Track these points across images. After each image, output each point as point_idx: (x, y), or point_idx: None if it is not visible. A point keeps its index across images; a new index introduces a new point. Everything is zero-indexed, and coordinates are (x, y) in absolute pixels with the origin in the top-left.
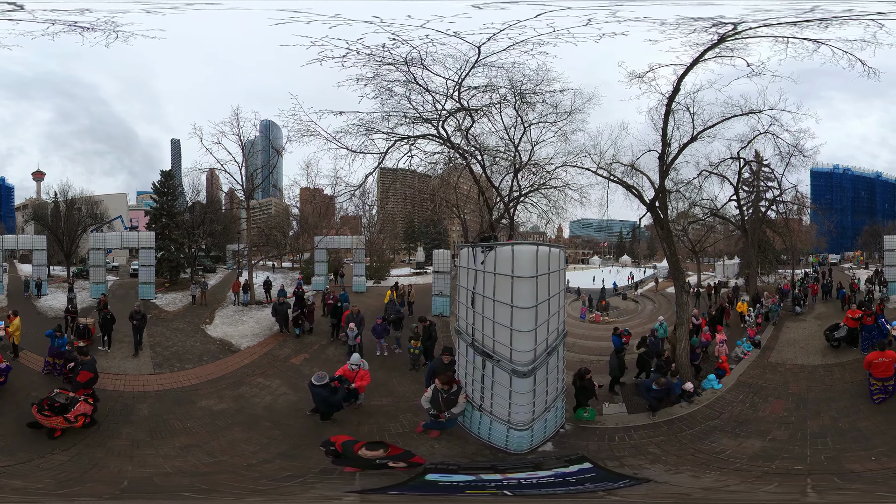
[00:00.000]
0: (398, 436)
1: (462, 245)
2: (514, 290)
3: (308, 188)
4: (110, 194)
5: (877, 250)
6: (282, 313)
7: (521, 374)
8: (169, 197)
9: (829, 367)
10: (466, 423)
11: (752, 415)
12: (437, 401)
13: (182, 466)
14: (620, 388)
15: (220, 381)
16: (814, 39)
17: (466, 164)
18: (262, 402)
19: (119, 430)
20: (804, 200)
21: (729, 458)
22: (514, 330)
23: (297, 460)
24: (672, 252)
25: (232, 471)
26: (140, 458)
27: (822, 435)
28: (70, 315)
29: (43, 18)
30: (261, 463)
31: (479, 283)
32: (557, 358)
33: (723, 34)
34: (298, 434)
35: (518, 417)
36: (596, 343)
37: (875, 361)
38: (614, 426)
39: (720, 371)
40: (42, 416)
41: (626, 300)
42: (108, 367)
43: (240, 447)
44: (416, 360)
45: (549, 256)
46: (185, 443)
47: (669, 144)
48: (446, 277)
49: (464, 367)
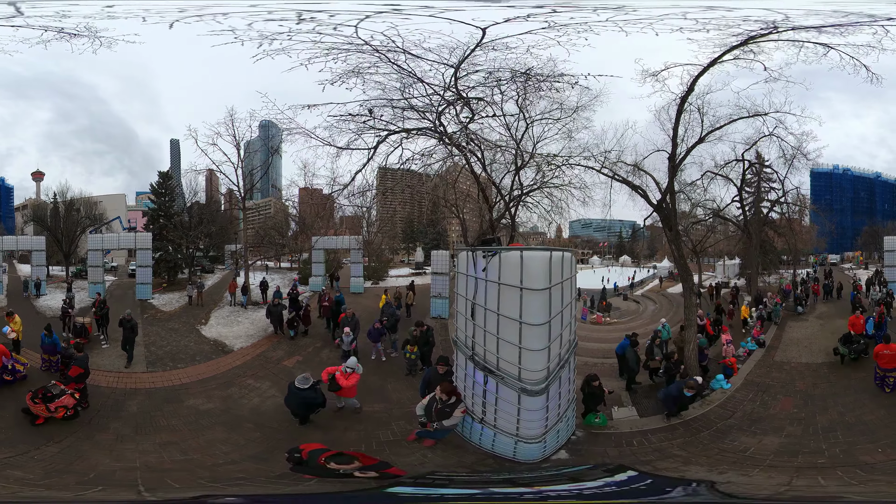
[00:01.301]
0: (386, 444)
1: (460, 248)
2: (523, 303)
3: (306, 188)
4: (109, 195)
5: (876, 250)
6: (276, 315)
7: (533, 393)
8: (167, 198)
9: (833, 365)
10: (465, 433)
11: (765, 412)
12: (430, 410)
13: (151, 462)
14: (631, 394)
15: (210, 381)
16: (826, 44)
17: (466, 162)
18: (249, 404)
19: (108, 425)
20: (805, 201)
21: (756, 456)
22: (524, 349)
23: (266, 463)
24: (680, 253)
25: (188, 469)
26: (119, 452)
27: (832, 429)
28: (67, 314)
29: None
30: (226, 464)
31: (481, 292)
32: (570, 369)
33: (750, 36)
34: (279, 437)
35: (528, 432)
36: (598, 345)
37: (881, 353)
38: (629, 430)
39: (728, 370)
40: (33, 403)
41: (626, 300)
42: (103, 364)
43: (216, 447)
44: (412, 366)
45: (563, 263)
46: (166, 440)
47: (679, 145)
48: (445, 279)
49: (462, 379)
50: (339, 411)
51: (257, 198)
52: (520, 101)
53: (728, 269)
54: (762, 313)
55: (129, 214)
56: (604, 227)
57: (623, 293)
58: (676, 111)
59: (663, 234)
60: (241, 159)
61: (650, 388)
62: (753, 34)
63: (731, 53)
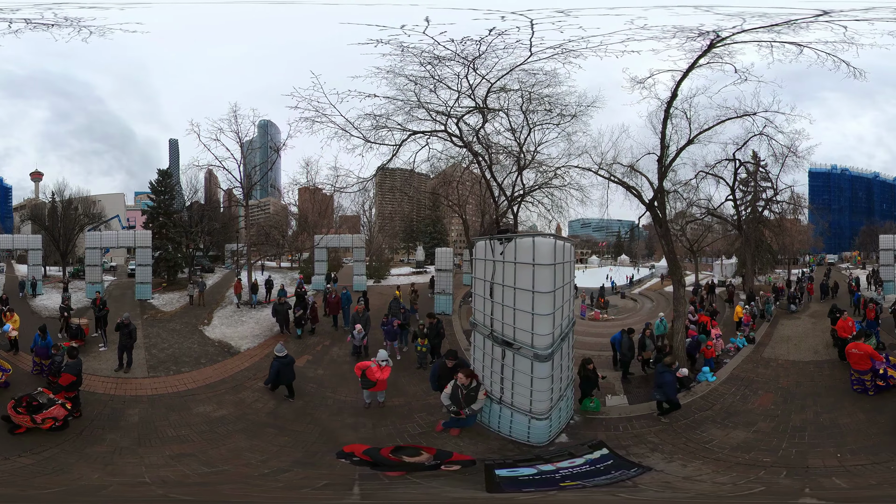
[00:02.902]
0: (418, 436)
1: (478, 238)
2: (535, 276)
3: (307, 188)
4: (107, 194)
5: (874, 250)
6: (282, 313)
7: (542, 359)
8: (166, 196)
9: (820, 364)
10: (485, 419)
11: (742, 407)
12: (457, 397)
13: (168, 477)
14: (624, 382)
15: (218, 385)
16: (795, 43)
17: (479, 165)
18: (266, 408)
19: (103, 437)
20: (800, 200)
21: (713, 448)
22: (535, 314)
23: (321, 468)
24: (670, 248)
25: (240, 481)
26: (119, 465)
27: (803, 429)
28: (64, 315)
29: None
30: (275, 472)
31: (499, 272)
32: (569, 345)
33: (711, 41)
34: (312, 440)
35: (539, 405)
36: (596, 339)
37: (851, 352)
38: (617, 416)
39: (711, 362)
40: (15, 412)
41: (624, 298)
42: (100, 370)
43: (244, 456)
44: (423, 359)
45: (564, 249)
46: (178, 451)
47: (668, 147)
48: (448, 276)
49: (481, 360)
50: (367, 408)
51: (257, 196)
52: (524, 107)
53: (725, 268)
54: (754, 310)
55: (128, 214)
56: (602, 226)
57: (621, 291)
58: (663, 116)
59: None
60: (243, 155)
61: (642, 378)
62: (714, 40)
63: (704, 58)
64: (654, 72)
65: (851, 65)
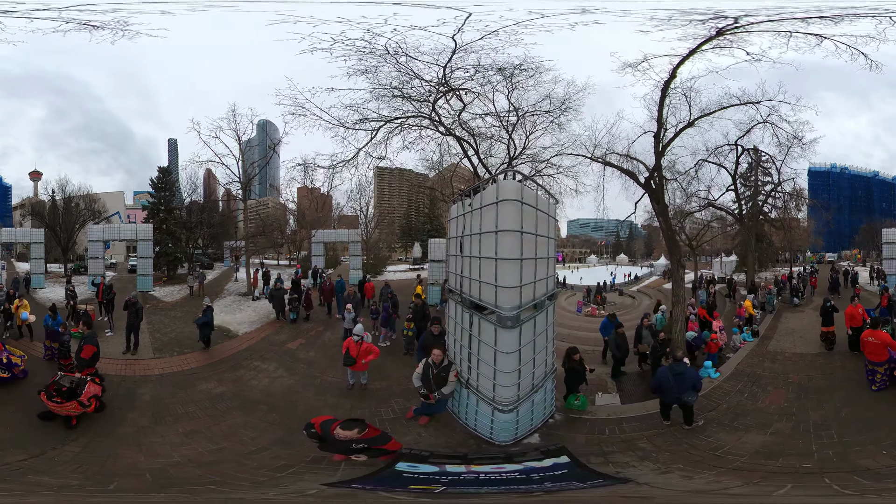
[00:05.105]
0: (388, 421)
1: (453, 201)
2: (498, 213)
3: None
4: (108, 192)
5: (874, 249)
6: (278, 298)
7: (507, 323)
8: (167, 192)
9: (829, 356)
10: (455, 407)
11: (752, 406)
12: (427, 378)
13: (189, 455)
14: (617, 381)
15: (218, 364)
16: (819, 34)
17: (463, 150)
18: (259, 385)
19: (124, 416)
20: (802, 193)
21: (727, 456)
22: (499, 258)
23: (291, 447)
24: (668, 225)
25: (234, 459)
26: (148, 446)
27: (827, 427)
28: (70, 302)
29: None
30: (259, 451)
31: (468, 224)
32: (547, 321)
33: (721, 28)
34: (295, 418)
35: (503, 392)
36: (590, 334)
37: (866, 340)
38: (606, 417)
39: (714, 357)
40: (53, 402)
41: (622, 296)
42: (109, 353)
43: (239, 433)
44: (409, 344)
45: (537, 196)
46: (188, 429)
47: (666, 129)
48: (441, 266)
49: (453, 332)
50: (350, 389)
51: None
52: (509, 95)
53: (725, 265)
54: (755, 303)
55: (128, 212)
56: (601, 226)
57: (619, 289)
58: (660, 96)
59: (660, 232)
60: (242, 152)
61: (638, 375)
62: (725, 27)
63: (708, 43)
64: (647, 56)
65: (870, 57)
